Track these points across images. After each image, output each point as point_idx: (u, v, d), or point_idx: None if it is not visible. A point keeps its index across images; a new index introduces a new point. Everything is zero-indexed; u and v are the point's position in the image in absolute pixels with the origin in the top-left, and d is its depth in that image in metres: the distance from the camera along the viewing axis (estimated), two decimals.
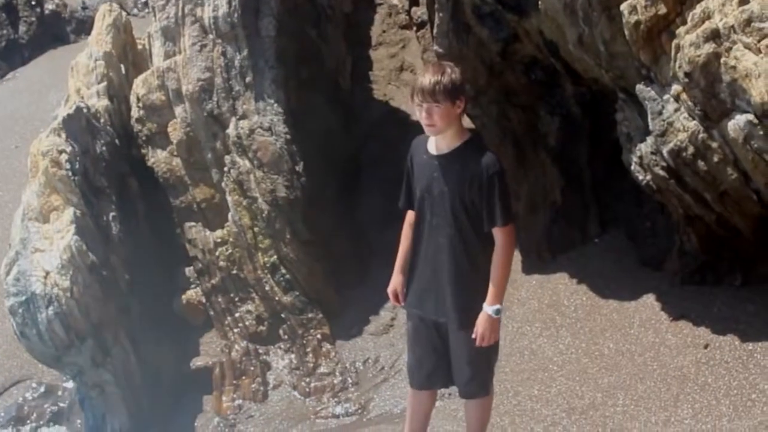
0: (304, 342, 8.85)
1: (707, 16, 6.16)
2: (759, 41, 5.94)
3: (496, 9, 8.02)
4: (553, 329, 7.93)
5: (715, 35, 6.09)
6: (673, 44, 6.36)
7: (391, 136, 10.07)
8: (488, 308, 5.44)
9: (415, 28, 11.04)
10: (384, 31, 12.25)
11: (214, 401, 8.76)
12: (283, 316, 8.99)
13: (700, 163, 6.64)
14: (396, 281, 5.91)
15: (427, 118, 5.37)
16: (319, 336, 8.85)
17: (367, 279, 9.11)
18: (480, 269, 5.49)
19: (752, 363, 6.89)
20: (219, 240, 9.15)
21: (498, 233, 5.41)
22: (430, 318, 5.70)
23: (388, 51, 12.02)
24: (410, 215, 5.77)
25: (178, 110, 9.15)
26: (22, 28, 16.79)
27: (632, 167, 7.26)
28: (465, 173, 5.38)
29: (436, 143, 5.52)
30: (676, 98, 6.56)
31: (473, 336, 5.50)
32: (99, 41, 9.74)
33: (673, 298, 7.66)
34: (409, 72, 11.58)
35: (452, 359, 5.75)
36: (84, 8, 16.79)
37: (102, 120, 9.25)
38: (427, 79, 5.35)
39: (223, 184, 9.07)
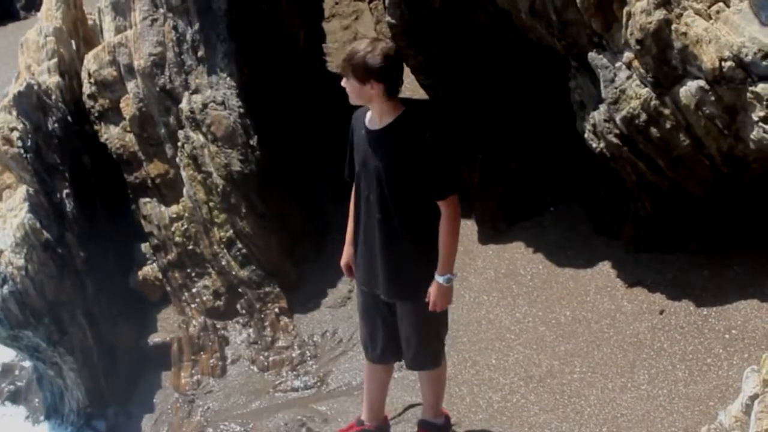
0: (262, 316, 8.83)
1: None
2: (709, 7, 5.98)
3: None
4: (510, 298, 7.96)
5: (665, 1, 6.12)
6: (625, 11, 6.38)
7: (345, 109, 9.99)
8: (438, 277, 5.48)
9: (367, 0, 11.00)
10: (337, 3, 12.17)
11: (173, 377, 8.72)
12: (240, 290, 8.95)
13: (653, 130, 6.67)
14: (348, 254, 5.89)
15: (345, 87, 5.38)
16: (276, 310, 8.83)
17: (324, 252, 9.08)
18: (422, 242, 5.48)
19: (707, 328, 6.96)
20: (174, 215, 9.08)
21: (441, 205, 5.40)
22: (376, 292, 5.70)
23: (341, 23, 11.95)
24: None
25: (131, 85, 9.06)
26: None
27: (586, 135, 7.29)
28: (396, 149, 5.34)
29: (372, 118, 5.49)
30: (628, 65, 6.59)
31: (426, 301, 5.54)
32: (49, 17, 9.60)
33: (628, 265, 7.71)
34: None
35: (400, 332, 5.77)
36: None
37: (53, 96, 9.13)
38: (347, 49, 5.36)
39: (177, 160, 9.00)
